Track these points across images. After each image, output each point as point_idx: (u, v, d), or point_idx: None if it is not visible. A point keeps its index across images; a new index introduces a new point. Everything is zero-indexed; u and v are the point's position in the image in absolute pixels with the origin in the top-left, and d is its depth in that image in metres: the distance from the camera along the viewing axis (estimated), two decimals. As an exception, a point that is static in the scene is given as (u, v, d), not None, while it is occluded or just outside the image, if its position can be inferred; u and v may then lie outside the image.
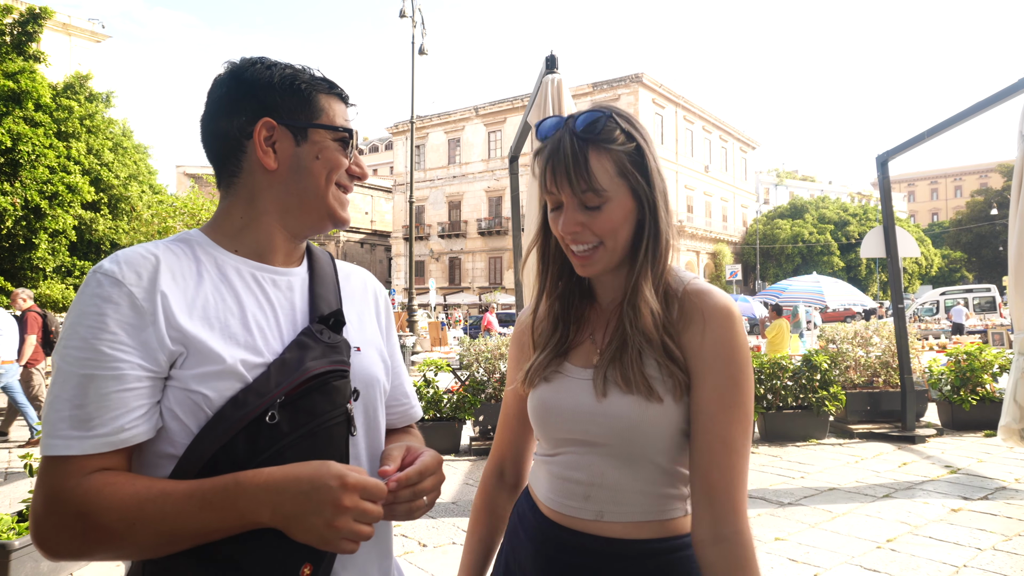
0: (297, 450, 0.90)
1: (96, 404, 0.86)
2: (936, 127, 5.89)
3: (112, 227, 18.22)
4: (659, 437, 1.04)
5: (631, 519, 1.06)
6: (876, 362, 7.75)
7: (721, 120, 51.47)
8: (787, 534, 4.18)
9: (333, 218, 1.07)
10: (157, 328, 0.89)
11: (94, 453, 0.85)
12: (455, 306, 41.56)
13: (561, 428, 1.11)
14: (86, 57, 31.75)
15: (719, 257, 46.69)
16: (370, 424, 1.07)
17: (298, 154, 1.03)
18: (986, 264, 54.36)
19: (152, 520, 0.83)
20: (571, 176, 1.04)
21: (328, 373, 0.95)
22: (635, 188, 1.06)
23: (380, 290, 1.26)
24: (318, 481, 0.84)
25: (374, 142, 71.71)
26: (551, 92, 4.11)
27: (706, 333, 1.03)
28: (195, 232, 1.05)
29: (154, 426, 0.89)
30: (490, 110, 45.40)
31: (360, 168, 1.10)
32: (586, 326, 1.17)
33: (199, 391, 0.89)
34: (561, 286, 1.18)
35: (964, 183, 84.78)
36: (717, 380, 1.02)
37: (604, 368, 1.07)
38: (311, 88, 1.05)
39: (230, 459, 0.87)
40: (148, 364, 0.88)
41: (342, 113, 1.08)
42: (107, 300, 0.89)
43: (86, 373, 0.86)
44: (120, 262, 0.93)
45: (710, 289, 1.09)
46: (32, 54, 16.22)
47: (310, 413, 0.92)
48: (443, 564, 3.79)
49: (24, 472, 4.77)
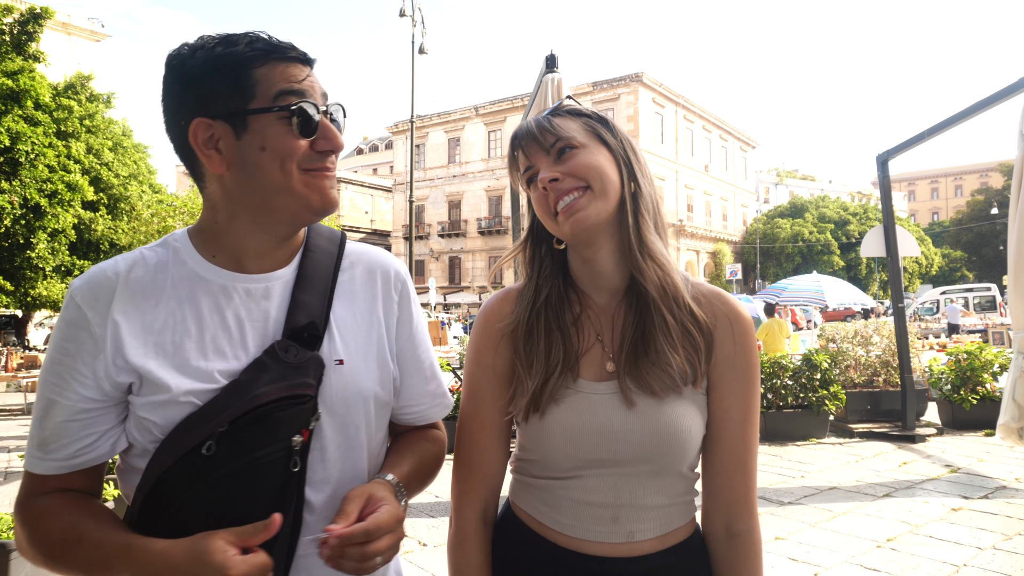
0: (231, 483, 0.86)
1: (51, 430, 0.89)
2: (936, 126, 5.89)
3: (112, 227, 18.19)
4: (693, 445, 1.01)
5: (659, 533, 1.03)
6: (876, 361, 7.75)
7: (721, 119, 51.43)
8: (787, 533, 4.18)
9: (311, 208, 0.92)
10: (105, 358, 0.88)
11: (51, 474, 0.90)
12: (455, 305, 41.55)
13: (583, 450, 1.00)
14: (86, 56, 31.72)
15: (719, 256, 46.66)
16: (350, 443, 0.98)
17: (241, 149, 0.89)
18: (986, 263, 54.33)
19: (67, 561, 0.87)
20: (538, 136, 1.04)
21: (277, 401, 0.87)
22: (607, 142, 1.05)
23: (393, 277, 1.08)
24: (199, 567, 0.78)
25: (374, 141, 71.69)
26: (551, 91, 4.10)
27: (736, 340, 1.04)
28: (181, 235, 0.98)
29: (111, 448, 0.92)
30: (490, 109, 45.36)
31: (328, 139, 0.92)
32: (588, 330, 1.06)
33: (147, 417, 0.89)
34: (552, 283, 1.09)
35: (964, 182, 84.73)
36: (747, 389, 1.04)
37: (625, 373, 0.99)
38: (243, 63, 0.88)
39: (169, 486, 0.86)
40: (95, 395, 0.89)
41: (287, 80, 0.89)
42: (70, 324, 0.90)
43: (50, 397, 0.90)
44: (86, 282, 0.91)
45: (727, 294, 1.09)
46: (32, 53, 16.19)
47: (246, 446, 0.86)
48: (443, 564, 3.78)
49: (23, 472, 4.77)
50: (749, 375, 1.04)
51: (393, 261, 1.11)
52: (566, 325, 1.05)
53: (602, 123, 1.08)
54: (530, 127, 1.06)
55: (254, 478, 0.87)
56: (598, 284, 1.07)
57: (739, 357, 1.04)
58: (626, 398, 0.98)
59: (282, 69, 0.90)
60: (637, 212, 1.04)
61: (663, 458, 0.99)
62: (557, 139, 1.03)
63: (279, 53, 0.90)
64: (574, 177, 1.01)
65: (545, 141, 1.04)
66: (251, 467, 0.86)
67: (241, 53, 0.88)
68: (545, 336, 1.03)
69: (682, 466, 1.02)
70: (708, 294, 1.07)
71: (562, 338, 1.03)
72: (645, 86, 41.75)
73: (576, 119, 1.07)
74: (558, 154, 1.04)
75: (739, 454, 1.04)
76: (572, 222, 1.00)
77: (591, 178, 1.01)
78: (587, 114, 1.08)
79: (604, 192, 1.01)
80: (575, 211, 1.00)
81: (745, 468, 1.05)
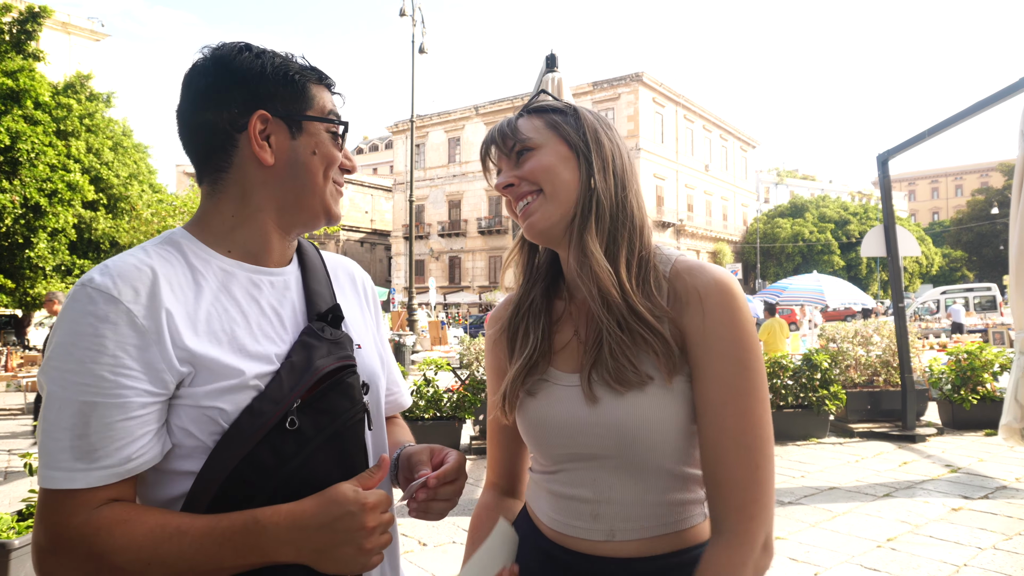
0: (326, 452, 0.89)
1: (100, 434, 0.80)
2: (936, 126, 5.88)
3: (112, 226, 18.20)
4: (664, 439, 0.94)
5: (645, 535, 0.97)
6: (876, 361, 7.75)
7: (721, 119, 51.42)
8: (787, 533, 4.18)
9: (328, 214, 1.02)
10: (163, 349, 0.84)
11: (100, 485, 0.81)
12: (455, 305, 41.55)
13: (556, 444, 1.01)
14: (85, 56, 31.71)
15: (719, 256, 46.67)
16: (376, 419, 1.06)
17: (295, 148, 0.97)
18: (987, 263, 54.32)
19: (168, 560, 0.79)
20: (498, 140, 1.05)
21: (339, 370, 0.93)
22: (566, 137, 1.02)
23: (366, 279, 1.23)
24: (338, 510, 0.83)
25: (374, 141, 71.64)
26: (551, 91, 4.10)
27: (706, 314, 0.93)
28: (179, 232, 0.97)
29: (162, 449, 0.85)
30: (490, 109, 45.35)
31: (350, 161, 1.05)
32: (568, 326, 1.06)
33: (215, 406, 0.85)
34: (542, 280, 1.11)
35: (965, 182, 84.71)
36: (723, 366, 0.92)
37: (589, 368, 0.97)
38: (303, 78, 0.99)
39: (255, 469, 0.85)
40: (154, 387, 0.83)
41: (331, 103, 1.03)
42: (103, 319, 0.82)
43: (87, 400, 0.80)
44: (113, 276, 0.85)
45: (702, 264, 0.98)
46: (31, 52, 16.19)
47: (331, 413, 0.91)
48: (443, 563, 3.79)
49: (24, 472, 4.77)
50: (724, 350, 0.92)
51: (356, 265, 1.24)
52: (548, 323, 1.07)
53: (564, 116, 1.04)
54: (493, 132, 1.07)
55: (344, 443, 0.92)
56: (575, 281, 1.05)
57: (708, 332, 0.92)
58: (588, 392, 0.97)
59: (327, 94, 1.03)
60: (585, 214, 0.99)
61: (632, 452, 0.95)
62: (515, 142, 1.03)
63: (328, 81, 1.04)
64: (527, 181, 1.01)
65: (505, 145, 1.04)
66: (339, 433, 0.91)
67: (301, 68, 1.00)
68: (524, 335, 1.08)
69: (662, 460, 0.95)
70: (683, 270, 0.98)
71: (540, 335, 1.06)
72: (645, 86, 41.74)
73: (540, 116, 1.04)
74: (517, 156, 1.03)
75: (721, 444, 0.91)
76: (527, 226, 1.02)
77: (542, 180, 1.00)
78: (550, 108, 1.05)
79: (555, 194, 0.99)
80: (529, 215, 1.01)
81: (731, 460, 0.91)
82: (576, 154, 1.01)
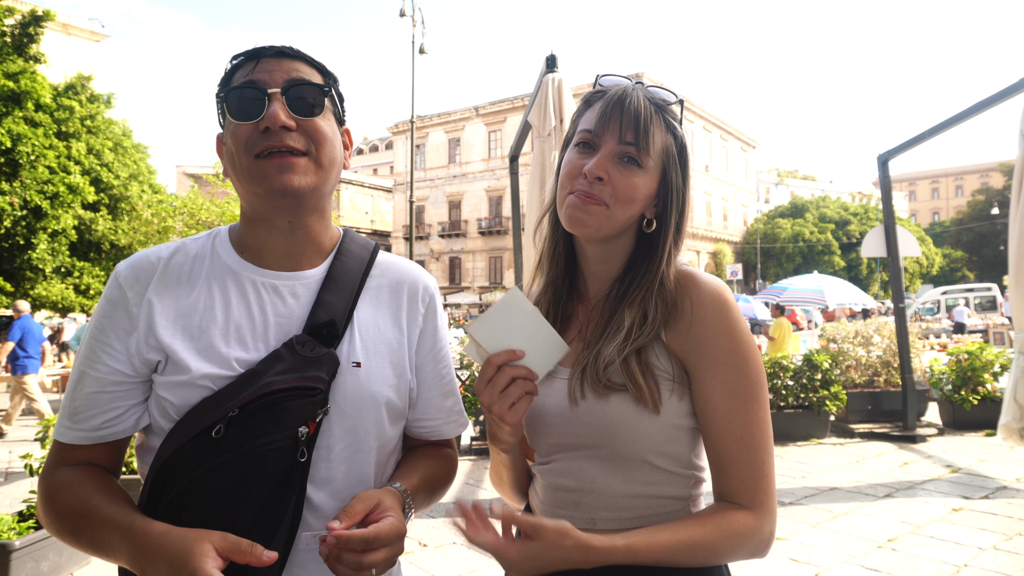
0: (237, 467, 0.88)
1: (81, 400, 0.94)
2: (937, 127, 5.89)
3: (112, 227, 18.21)
4: (646, 435, 0.96)
5: (624, 525, 0.98)
6: (877, 361, 7.75)
7: (721, 119, 51.42)
8: (788, 534, 4.18)
9: (264, 188, 0.94)
10: (138, 336, 0.93)
11: (78, 444, 0.94)
12: (455, 306, 41.56)
13: (545, 433, 1.04)
14: (86, 57, 31.73)
15: (719, 256, 46.66)
16: (357, 446, 0.98)
17: (225, 146, 1.00)
18: (987, 263, 54.29)
19: (76, 533, 0.90)
20: (624, 123, 0.99)
21: (287, 391, 0.89)
22: (664, 176, 1.03)
23: (421, 290, 1.11)
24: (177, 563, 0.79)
25: (374, 142, 71.69)
26: (552, 91, 4.10)
27: (701, 324, 0.96)
28: (225, 229, 1.05)
29: (135, 423, 0.96)
30: (490, 110, 45.36)
31: (271, 119, 0.92)
32: (575, 323, 1.10)
33: (165, 397, 0.92)
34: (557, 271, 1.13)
35: (965, 182, 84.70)
36: (725, 375, 0.95)
37: (582, 366, 1.01)
38: (228, 72, 0.98)
39: (177, 467, 0.88)
40: (127, 370, 0.93)
41: (246, 73, 0.96)
42: (109, 302, 0.95)
43: (83, 370, 0.94)
44: (131, 265, 0.97)
45: (695, 273, 1.02)
46: (33, 55, 16.20)
47: (251, 432, 0.88)
48: (443, 564, 3.79)
49: (24, 472, 4.77)
50: (724, 360, 0.95)
51: (424, 275, 1.14)
52: (558, 311, 1.11)
53: (679, 147, 1.04)
54: (633, 108, 0.99)
55: (259, 464, 0.89)
56: (591, 282, 1.12)
57: (705, 342, 0.95)
58: (574, 388, 1.00)
59: (245, 69, 0.97)
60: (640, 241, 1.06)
61: (612, 442, 0.97)
62: (636, 144, 0.99)
63: (244, 55, 0.98)
64: (610, 191, 1.00)
65: (625, 133, 0.99)
66: (256, 453, 0.89)
67: (229, 64, 0.99)
68: None
69: (646, 455, 0.97)
70: (676, 278, 1.02)
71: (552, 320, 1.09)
72: (645, 86, 41.71)
73: (663, 134, 1.02)
74: (622, 155, 1.00)
75: (732, 448, 0.94)
76: (568, 216, 1.03)
77: (617, 204, 1.00)
78: (678, 136, 1.04)
79: (614, 218, 1.01)
80: (581, 211, 1.01)
81: (743, 462, 0.94)
82: (658, 195, 1.04)
